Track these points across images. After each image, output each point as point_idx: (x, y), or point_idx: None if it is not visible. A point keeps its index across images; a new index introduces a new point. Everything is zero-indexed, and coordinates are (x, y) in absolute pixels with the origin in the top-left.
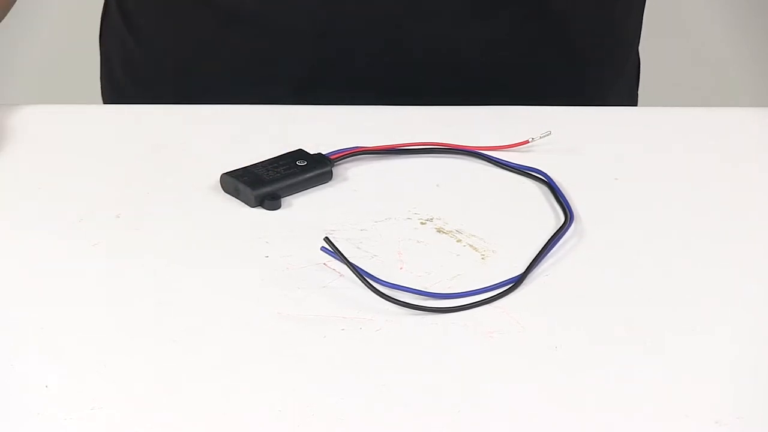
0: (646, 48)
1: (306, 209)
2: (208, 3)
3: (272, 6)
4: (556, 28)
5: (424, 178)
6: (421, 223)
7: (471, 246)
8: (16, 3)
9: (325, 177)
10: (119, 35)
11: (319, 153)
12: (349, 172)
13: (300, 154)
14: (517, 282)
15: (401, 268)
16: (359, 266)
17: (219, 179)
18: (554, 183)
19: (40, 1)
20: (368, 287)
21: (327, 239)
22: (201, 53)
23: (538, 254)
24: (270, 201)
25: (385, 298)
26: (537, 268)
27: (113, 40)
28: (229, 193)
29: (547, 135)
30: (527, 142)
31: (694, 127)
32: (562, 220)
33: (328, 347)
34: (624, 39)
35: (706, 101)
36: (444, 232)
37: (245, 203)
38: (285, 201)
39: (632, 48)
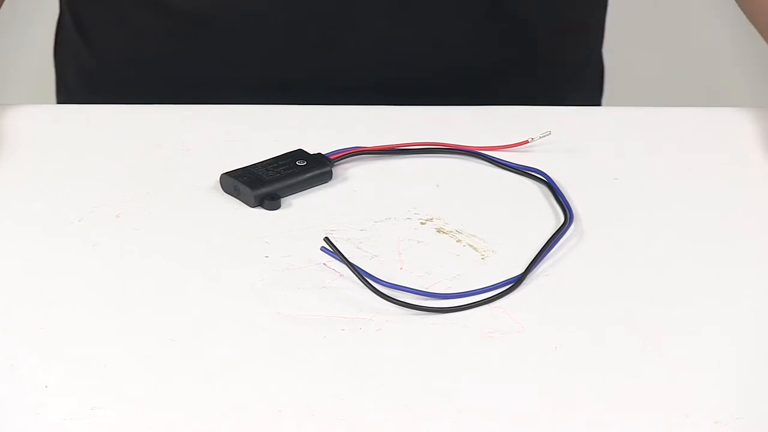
0: (645, 48)
1: (306, 209)
2: (163, 8)
3: (229, 8)
4: (515, 29)
5: (424, 178)
6: (421, 223)
7: (471, 246)
8: (17, 3)
9: (325, 177)
10: (73, 47)
11: (319, 153)
12: (349, 172)
13: (300, 154)
14: (517, 282)
15: (401, 268)
16: (359, 266)
17: (219, 179)
18: (554, 183)
19: (40, 1)
20: (368, 287)
21: (327, 239)
22: (157, 60)
23: (538, 254)
24: (270, 201)
25: (385, 298)
26: (537, 268)
27: (67, 52)
28: (229, 193)
29: (547, 135)
30: (527, 142)
31: (694, 127)
32: (562, 220)
33: (328, 347)
34: (584, 42)
35: (706, 101)
36: (444, 232)
37: (245, 203)
38: (285, 201)
39: (593, 52)
